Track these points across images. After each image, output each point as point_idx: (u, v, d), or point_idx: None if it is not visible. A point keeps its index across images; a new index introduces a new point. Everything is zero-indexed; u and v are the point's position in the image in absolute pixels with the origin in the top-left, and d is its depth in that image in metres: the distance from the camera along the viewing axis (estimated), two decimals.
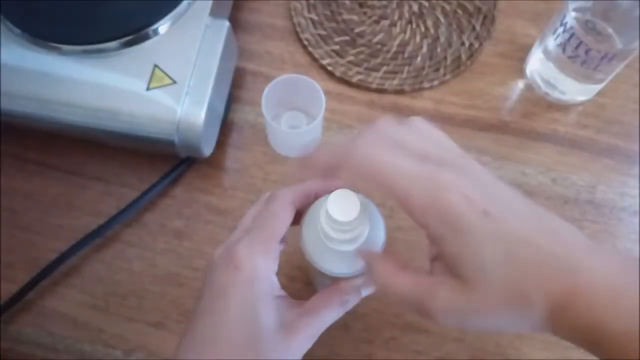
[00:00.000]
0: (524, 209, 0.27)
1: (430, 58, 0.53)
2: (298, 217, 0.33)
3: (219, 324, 0.30)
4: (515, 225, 0.26)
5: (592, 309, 0.25)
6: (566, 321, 0.25)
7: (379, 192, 0.28)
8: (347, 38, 0.54)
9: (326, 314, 0.32)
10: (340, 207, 0.29)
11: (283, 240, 0.35)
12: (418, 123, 0.29)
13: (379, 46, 0.54)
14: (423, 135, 0.29)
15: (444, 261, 0.27)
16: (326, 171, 0.29)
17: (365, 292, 0.34)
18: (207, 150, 0.46)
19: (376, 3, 0.56)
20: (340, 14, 0.55)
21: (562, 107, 0.52)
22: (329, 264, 0.32)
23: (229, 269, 0.31)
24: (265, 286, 0.31)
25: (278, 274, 0.32)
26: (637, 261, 0.26)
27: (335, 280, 0.33)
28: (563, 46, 0.46)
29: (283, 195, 0.33)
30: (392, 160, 0.27)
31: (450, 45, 0.54)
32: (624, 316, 0.24)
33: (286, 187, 0.34)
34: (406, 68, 0.53)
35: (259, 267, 0.31)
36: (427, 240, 0.28)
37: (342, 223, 0.29)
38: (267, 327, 0.30)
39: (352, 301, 0.33)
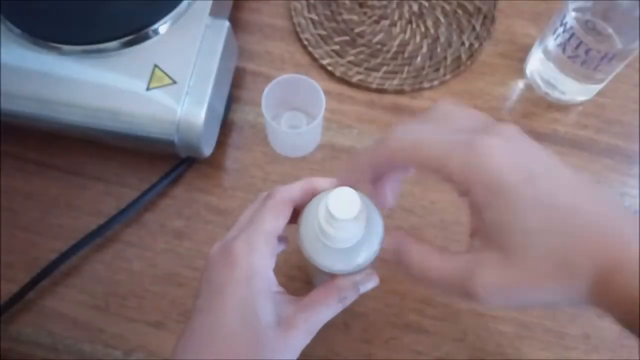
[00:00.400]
0: (569, 174, 0.26)
1: (430, 58, 0.53)
2: (295, 216, 0.33)
3: (217, 323, 0.30)
4: (562, 190, 0.25)
5: (636, 279, 0.24)
6: (609, 292, 0.24)
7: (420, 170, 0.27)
8: (347, 38, 0.54)
9: (324, 310, 0.32)
10: (341, 204, 0.29)
11: (282, 240, 0.35)
12: (443, 105, 0.29)
13: (379, 46, 0.54)
14: (453, 112, 0.29)
15: (485, 231, 0.26)
16: (374, 166, 0.30)
17: (364, 288, 0.34)
18: (207, 150, 0.46)
19: (376, 3, 0.56)
20: (340, 14, 0.55)
21: (562, 107, 0.51)
22: (327, 260, 0.32)
23: (226, 266, 0.31)
24: (262, 282, 0.31)
25: (277, 273, 0.33)
26: None
27: (333, 277, 0.33)
28: (563, 46, 0.46)
29: (280, 192, 0.33)
30: (426, 134, 0.27)
31: (450, 45, 0.54)
32: None
33: (283, 185, 0.34)
34: (406, 68, 0.53)
35: (255, 263, 0.31)
36: (469, 211, 0.27)
37: (342, 220, 0.29)
38: (265, 323, 0.30)
39: (350, 298, 0.33)
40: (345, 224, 0.29)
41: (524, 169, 0.25)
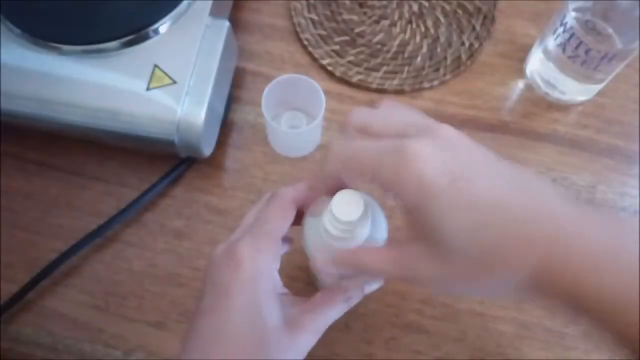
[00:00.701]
0: (498, 172, 0.27)
1: (430, 58, 0.53)
2: (299, 217, 0.33)
3: (222, 323, 0.30)
4: (489, 190, 0.26)
5: (576, 270, 0.25)
6: (550, 284, 0.25)
7: (370, 183, 0.28)
8: (347, 38, 0.54)
9: (330, 311, 0.32)
10: (345, 206, 0.29)
11: (286, 240, 0.35)
12: (385, 104, 0.30)
13: (379, 46, 0.54)
14: (390, 114, 0.29)
15: (420, 231, 0.27)
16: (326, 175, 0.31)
17: (369, 289, 0.34)
18: (207, 150, 0.46)
19: (376, 3, 0.56)
20: (340, 14, 0.55)
21: (562, 107, 0.52)
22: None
23: (230, 267, 0.31)
24: (267, 283, 0.31)
25: (279, 274, 0.33)
26: (619, 218, 0.26)
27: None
28: (563, 46, 0.46)
29: (284, 193, 0.33)
30: (358, 146, 0.28)
31: (450, 45, 0.54)
32: (607, 276, 0.24)
33: (287, 186, 0.34)
34: (406, 68, 0.53)
35: (260, 264, 0.31)
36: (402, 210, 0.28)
37: (346, 222, 0.29)
38: (271, 324, 0.30)
39: (356, 298, 0.33)
40: (349, 226, 0.29)
41: (449, 171, 0.25)
